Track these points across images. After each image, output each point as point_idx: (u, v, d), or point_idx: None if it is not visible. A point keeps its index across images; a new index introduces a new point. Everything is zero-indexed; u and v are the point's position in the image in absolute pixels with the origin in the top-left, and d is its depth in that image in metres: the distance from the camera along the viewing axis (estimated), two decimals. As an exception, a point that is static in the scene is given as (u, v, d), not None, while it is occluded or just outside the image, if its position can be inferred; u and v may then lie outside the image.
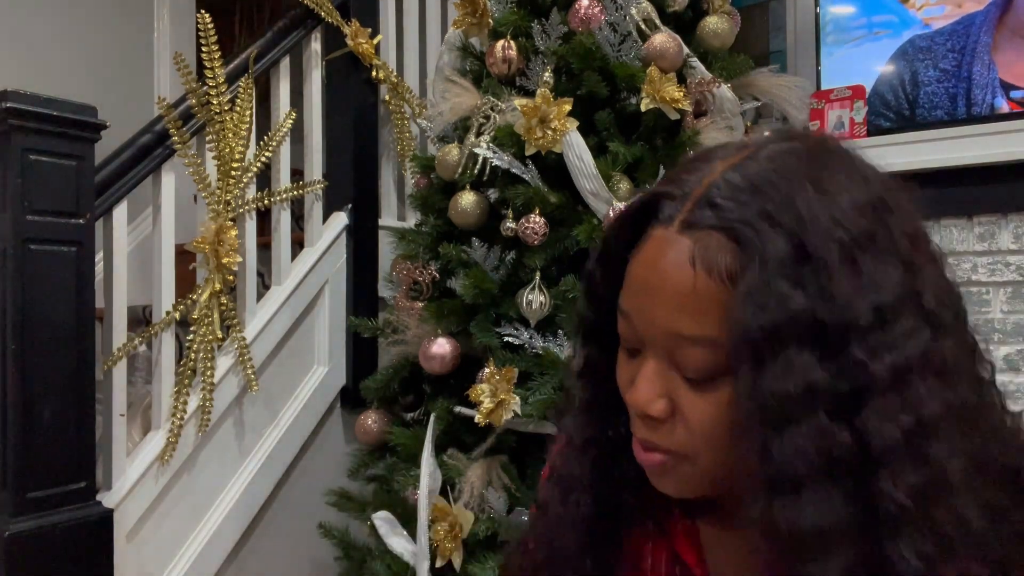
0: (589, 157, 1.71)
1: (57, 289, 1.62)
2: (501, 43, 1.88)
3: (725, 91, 1.87)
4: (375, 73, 2.37)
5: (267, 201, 2.13)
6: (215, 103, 1.96)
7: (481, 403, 1.67)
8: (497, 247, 1.81)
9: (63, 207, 1.64)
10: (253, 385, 2.02)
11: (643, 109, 1.74)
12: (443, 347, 1.84)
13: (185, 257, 2.01)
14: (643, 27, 1.83)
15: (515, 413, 1.66)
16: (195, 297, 1.92)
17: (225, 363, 1.99)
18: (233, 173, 1.99)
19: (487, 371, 1.69)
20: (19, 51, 2.64)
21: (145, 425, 1.97)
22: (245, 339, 2.02)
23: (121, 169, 1.84)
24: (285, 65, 2.26)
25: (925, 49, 2.16)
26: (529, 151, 1.74)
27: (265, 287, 2.31)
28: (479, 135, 1.85)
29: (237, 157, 1.99)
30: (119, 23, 2.94)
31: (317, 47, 2.33)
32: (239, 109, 2.01)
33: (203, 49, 1.91)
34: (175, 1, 3.04)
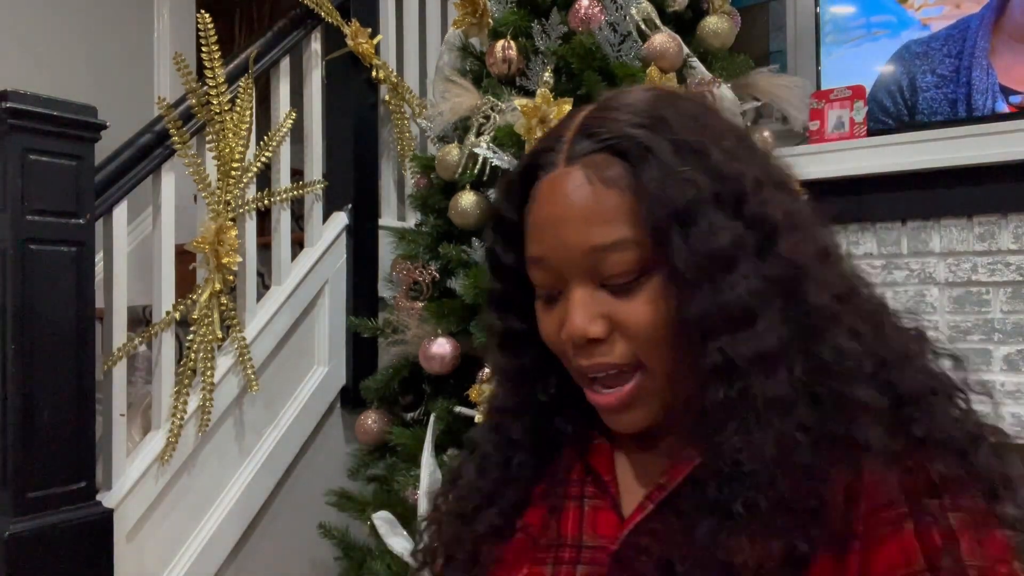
0: (589, 157, 1.71)
1: (57, 289, 1.62)
2: (501, 43, 1.88)
3: (725, 91, 1.87)
4: (375, 73, 2.37)
5: (267, 201, 2.13)
6: (215, 103, 1.95)
7: (481, 403, 1.67)
8: (497, 247, 1.80)
9: (63, 207, 1.64)
10: (253, 385, 2.02)
11: (643, 109, 1.74)
12: (443, 347, 1.84)
13: (185, 257, 2.01)
14: (643, 27, 1.83)
15: (515, 413, 1.66)
16: (195, 297, 1.92)
17: (225, 363, 1.99)
18: (233, 173, 1.99)
19: (487, 371, 1.69)
20: (19, 51, 2.64)
21: (145, 425, 1.97)
22: (245, 339, 2.02)
23: (121, 169, 1.84)
24: (285, 65, 2.26)
25: (922, 55, 2.16)
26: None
27: (265, 287, 2.31)
28: (479, 135, 1.85)
29: (237, 157, 1.99)
30: (119, 23, 2.94)
31: (317, 47, 2.33)
32: (239, 109, 2.01)
33: (203, 49, 1.91)
34: (175, 1, 3.04)
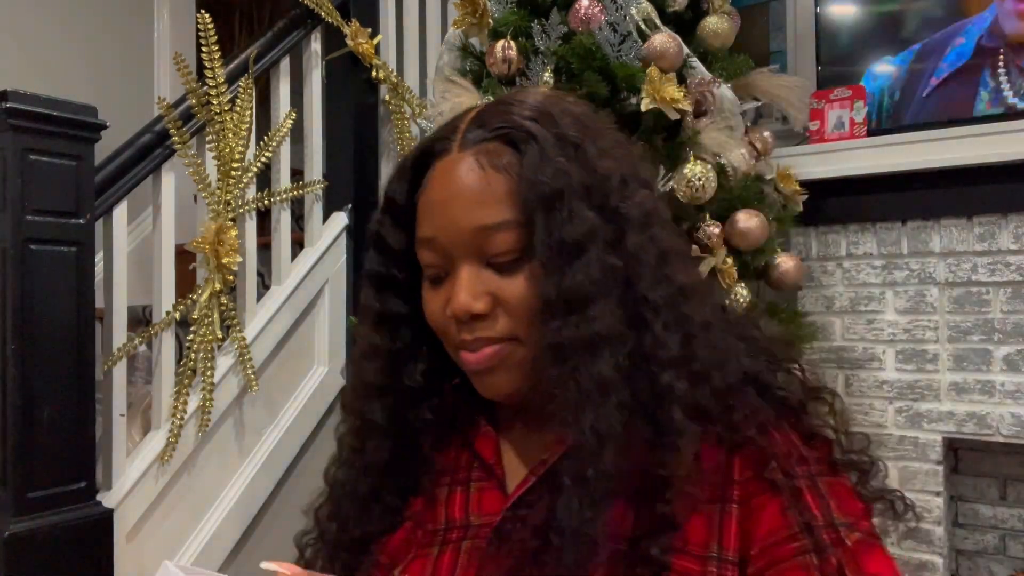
0: (589, 157, 1.71)
1: (57, 289, 1.62)
2: (501, 43, 1.88)
3: (725, 91, 1.87)
4: (375, 73, 2.37)
5: (267, 201, 2.13)
6: (215, 103, 1.96)
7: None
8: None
9: (63, 207, 1.64)
10: (253, 385, 2.02)
11: (643, 109, 1.74)
12: (443, 347, 1.84)
13: (185, 257, 2.01)
14: (643, 27, 1.83)
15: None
16: (195, 297, 1.92)
17: (225, 363, 1.99)
18: (233, 173, 1.99)
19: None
20: (19, 51, 2.64)
21: (145, 425, 1.97)
22: (245, 339, 2.02)
23: (121, 169, 1.84)
24: (285, 65, 2.26)
25: (922, 55, 2.16)
26: (529, 151, 1.74)
27: (265, 287, 2.31)
28: (479, 135, 1.85)
29: (237, 157, 1.99)
30: (119, 23, 2.94)
31: (317, 47, 2.33)
32: (239, 109, 2.01)
33: (203, 49, 1.91)
34: (175, 1, 3.04)
